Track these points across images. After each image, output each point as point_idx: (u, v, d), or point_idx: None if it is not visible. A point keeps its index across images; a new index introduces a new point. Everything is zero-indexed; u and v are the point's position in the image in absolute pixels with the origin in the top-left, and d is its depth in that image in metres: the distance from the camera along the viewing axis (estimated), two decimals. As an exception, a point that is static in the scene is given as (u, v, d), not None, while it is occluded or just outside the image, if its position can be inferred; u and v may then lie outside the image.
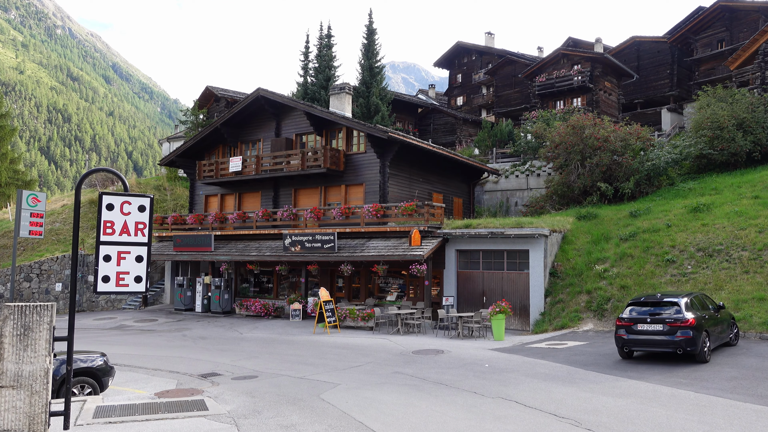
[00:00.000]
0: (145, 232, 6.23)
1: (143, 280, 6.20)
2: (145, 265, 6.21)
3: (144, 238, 6.21)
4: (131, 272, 6.11)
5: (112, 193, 6.16)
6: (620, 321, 13.77)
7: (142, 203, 6.24)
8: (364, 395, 11.14)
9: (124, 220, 6.12)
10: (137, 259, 6.16)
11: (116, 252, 6.09)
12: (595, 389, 11.02)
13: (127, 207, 6.13)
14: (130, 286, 6.12)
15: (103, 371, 11.51)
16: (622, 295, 20.22)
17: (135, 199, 6.18)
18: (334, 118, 26.88)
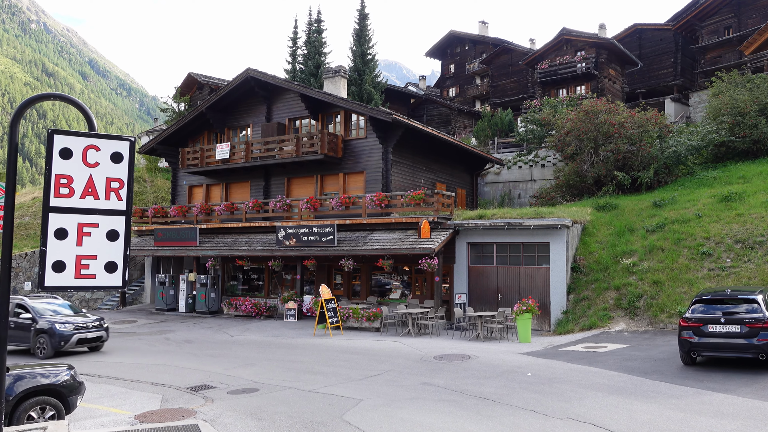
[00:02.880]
0: (122, 194, 4.03)
1: (119, 269, 4.00)
2: (122, 245, 4.01)
3: (121, 203, 4.02)
4: (100, 256, 3.91)
5: (70, 132, 3.96)
6: (685, 321, 11.79)
7: (116, 149, 4.03)
8: (398, 416, 9.00)
9: (88, 175, 3.92)
10: (110, 235, 3.96)
11: (76, 224, 3.88)
12: (683, 406, 9.00)
13: (94, 155, 3.93)
14: (98, 277, 3.92)
15: (70, 388, 9.23)
16: (655, 291, 18.34)
17: (106, 142, 3.99)
18: (331, 99, 24.65)
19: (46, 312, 17.02)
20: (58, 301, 18.29)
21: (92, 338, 16.87)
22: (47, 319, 16.59)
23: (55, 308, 17.53)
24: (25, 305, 17.12)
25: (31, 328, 16.56)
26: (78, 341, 16.48)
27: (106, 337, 17.29)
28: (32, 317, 16.68)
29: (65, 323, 16.46)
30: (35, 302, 17.43)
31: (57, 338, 16.10)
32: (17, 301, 17.37)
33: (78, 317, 17.19)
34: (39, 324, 16.49)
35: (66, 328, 16.33)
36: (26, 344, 16.65)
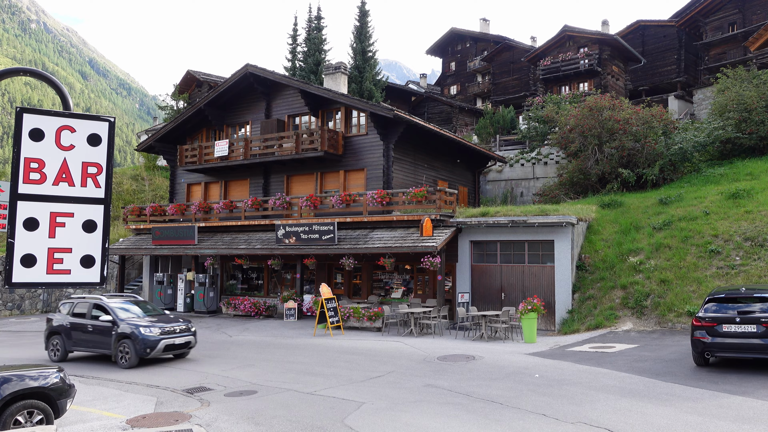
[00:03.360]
0: (100, 181, 3.63)
1: (97, 263, 3.60)
2: (99, 236, 3.61)
3: (98, 191, 3.61)
4: (75, 249, 3.51)
5: (42, 110, 3.56)
6: (698, 321, 11.39)
7: (94, 131, 3.62)
8: (402, 420, 8.61)
9: (62, 159, 3.51)
10: (87, 226, 3.56)
11: (48, 213, 3.48)
12: (700, 410, 8.60)
13: (69, 136, 3.53)
14: (73, 272, 3.52)
15: (60, 391, 8.84)
16: (662, 290, 17.93)
17: (82, 123, 3.59)
18: (332, 95, 24.24)
19: (127, 314, 15.19)
20: (136, 299, 16.64)
21: (180, 344, 14.88)
22: (130, 322, 14.65)
23: (134, 308, 15.67)
24: (103, 306, 15.29)
25: (111, 333, 14.70)
26: (165, 348, 14.48)
27: (194, 343, 15.39)
28: (113, 320, 14.79)
29: (150, 327, 14.47)
30: (114, 302, 15.62)
31: (141, 344, 14.10)
32: (95, 301, 15.64)
33: (163, 320, 15.21)
34: (120, 328, 14.57)
35: (152, 333, 14.32)
36: (107, 350, 14.88)
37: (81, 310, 15.77)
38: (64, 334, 15.66)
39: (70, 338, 15.58)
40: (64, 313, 16.00)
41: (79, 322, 15.51)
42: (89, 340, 15.30)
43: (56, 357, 15.71)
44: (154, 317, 15.33)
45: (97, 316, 15.23)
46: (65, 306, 16.22)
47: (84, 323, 15.36)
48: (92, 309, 15.49)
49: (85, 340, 15.39)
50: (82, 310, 15.66)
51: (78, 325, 15.49)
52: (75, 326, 15.53)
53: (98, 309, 15.38)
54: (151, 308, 16.21)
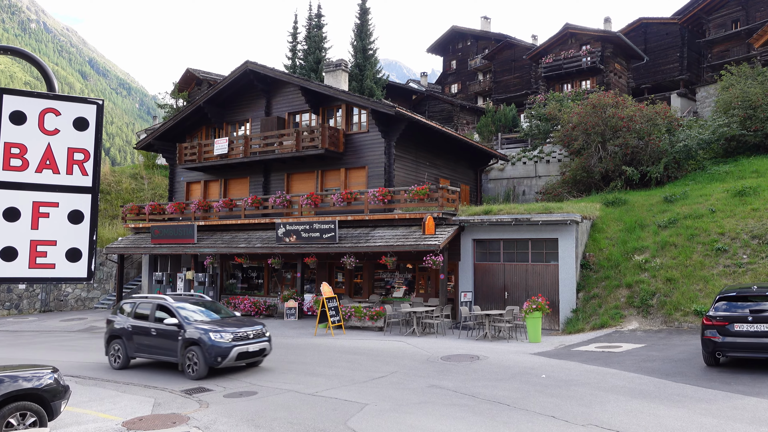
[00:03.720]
0: (87, 168, 3.37)
1: (84, 257, 3.34)
2: (87, 228, 3.35)
3: (86, 179, 3.35)
4: (61, 241, 3.26)
5: (24, 92, 3.30)
6: (709, 320, 11.12)
7: (81, 114, 3.36)
8: (406, 422, 8.34)
9: (46, 144, 3.25)
10: (73, 217, 3.30)
11: (30, 203, 3.22)
12: (714, 412, 8.34)
13: (54, 120, 3.27)
14: (57, 267, 3.26)
15: (54, 393, 8.57)
16: (668, 289, 17.68)
17: (68, 105, 3.32)
18: (332, 92, 23.97)
19: (195, 316, 13.51)
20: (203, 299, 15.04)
21: (254, 352, 12.98)
22: (198, 326, 12.90)
23: (202, 310, 14.03)
24: (168, 307, 13.57)
25: (177, 338, 12.94)
26: (238, 356, 12.60)
27: (269, 350, 13.55)
28: (178, 323, 13.05)
29: (221, 332, 12.63)
30: (180, 303, 13.92)
31: (212, 352, 12.30)
32: (158, 301, 14.02)
33: (234, 323, 13.39)
34: (187, 332, 12.79)
35: (223, 339, 12.49)
36: (172, 357, 13.17)
37: (144, 311, 14.11)
38: (125, 338, 14.03)
39: (132, 343, 13.90)
40: (125, 315, 14.43)
41: (142, 325, 13.79)
42: (153, 346, 13.54)
43: (117, 364, 14.09)
44: (224, 320, 13.61)
45: (162, 318, 13.49)
46: (127, 306, 14.66)
47: (147, 326, 13.69)
48: (156, 310, 13.82)
49: (148, 345, 13.63)
50: (145, 312, 14.05)
51: (140, 329, 13.77)
52: (137, 329, 13.84)
53: (162, 310, 13.67)
54: (220, 310, 14.51)
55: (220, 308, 14.62)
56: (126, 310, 14.54)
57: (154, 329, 13.51)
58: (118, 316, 14.60)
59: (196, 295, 15.46)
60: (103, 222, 32.61)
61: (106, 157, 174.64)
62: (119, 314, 14.65)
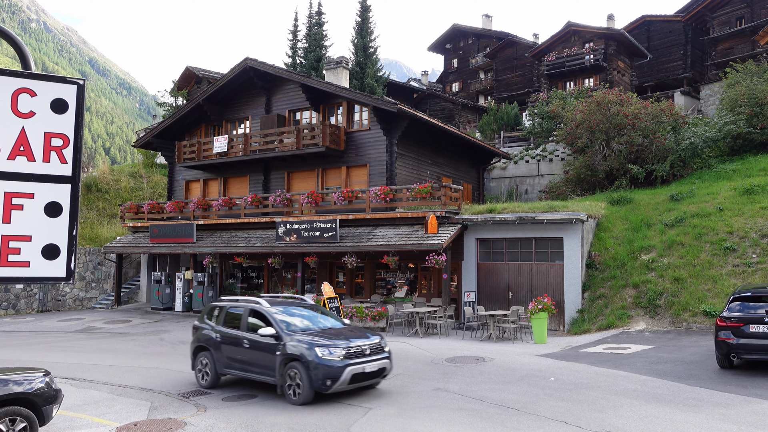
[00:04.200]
0: (66, 155, 3.03)
1: (62, 254, 3.00)
2: (66, 222, 3.02)
3: (65, 167, 3.02)
4: (36, 237, 2.92)
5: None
6: (723, 321, 10.78)
7: (59, 95, 3.03)
8: (413, 428, 8.01)
9: (20, 128, 2.92)
10: (50, 209, 2.97)
11: (2, 194, 2.90)
12: (733, 417, 8.00)
13: (29, 101, 2.94)
14: (32, 265, 2.92)
15: (45, 397, 8.23)
16: (676, 288, 17.34)
17: (45, 85, 2.99)
18: (333, 89, 23.63)
19: (296, 324, 11.00)
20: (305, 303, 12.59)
21: (372, 373, 10.17)
22: (300, 337, 10.29)
23: (303, 317, 11.50)
24: (264, 313, 11.07)
25: (275, 352, 10.35)
26: (352, 378, 9.81)
27: (390, 369, 10.63)
28: (276, 334, 10.48)
29: (329, 346, 10.00)
30: (277, 308, 11.36)
31: (319, 373, 9.66)
32: (251, 305, 11.55)
33: (344, 334, 10.74)
34: (287, 346, 10.20)
35: (333, 356, 9.82)
36: (269, 376, 10.46)
37: (235, 317, 11.74)
38: (213, 349, 11.63)
39: (222, 356, 11.46)
40: (213, 321, 12.18)
41: (232, 335, 11.38)
42: (246, 361, 11.01)
43: (205, 381, 11.62)
44: (331, 330, 11.06)
45: (256, 326, 11.02)
46: (216, 310, 12.38)
47: (238, 336, 11.26)
48: (248, 316, 11.38)
49: (240, 360, 11.13)
50: (237, 319, 11.67)
51: (231, 339, 11.36)
52: (227, 339, 11.42)
53: (256, 317, 11.24)
54: (327, 316, 11.99)
55: (326, 314, 12.06)
56: (215, 315, 12.24)
57: (246, 340, 10.99)
58: (206, 322, 12.26)
59: (296, 299, 13.02)
60: (102, 221, 32.28)
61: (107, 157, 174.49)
62: (207, 320, 12.34)
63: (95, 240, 30.02)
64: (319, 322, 11.37)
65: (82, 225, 30.98)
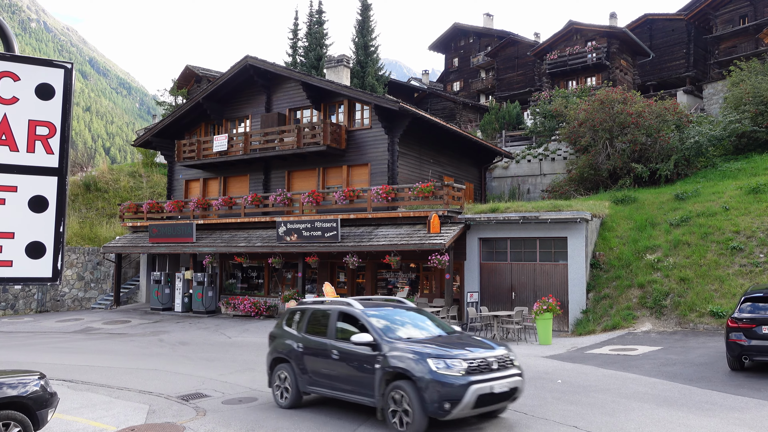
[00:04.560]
0: (53, 145, 2.80)
1: (49, 253, 2.77)
2: (52, 218, 2.79)
3: (51, 158, 2.79)
4: (20, 234, 2.70)
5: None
6: (734, 322, 10.55)
7: (45, 80, 2.80)
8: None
9: (2, 115, 2.70)
10: (35, 204, 2.74)
11: (-18, 187, 2.68)
12: (749, 422, 7.77)
13: (11, 86, 2.72)
14: (15, 265, 2.69)
15: (40, 401, 7.98)
16: (682, 289, 17.12)
17: (29, 69, 2.76)
18: (334, 88, 23.40)
19: (399, 331, 8.76)
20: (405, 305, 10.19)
21: (502, 394, 7.84)
22: (405, 345, 8.14)
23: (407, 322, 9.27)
24: (356, 316, 9.01)
25: (373, 366, 8.19)
26: (478, 400, 7.54)
27: (521, 389, 8.25)
28: (374, 342, 8.32)
29: (444, 357, 7.73)
30: (374, 311, 9.24)
31: (434, 393, 7.45)
32: (340, 307, 9.50)
33: (459, 343, 8.52)
34: (389, 357, 8.04)
35: (451, 370, 7.57)
36: (366, 396, 8.36)
37: (320, 322, 9.67)
38: (294, 362, 9.62)
39: (305, 370, 9.42)
40: (294, 327, 10.08)
41: (318, 343, 9.34)
42: (335, 376, 8.94)
43: (285, 401, 9.64)
44: (441, 338, 8.81)
45: (347, 333, 9.01)
46: (297, 314, 10.32)
47: (325, 345, 9.20)
48: (337, 321, 9.34)
49: (327, 374, 9.05)
50: (322, 324, 9.60)
51: (316, 348, 9.36)
52: (311, 350, 9.42)
53: (347, 321, 9.22)
54: (431, 321, 9.51)
55: (432, 319, 9.64)
56: (295, 320, 10.20)
57: (335, 350, 8.95)
58: (285, 329, 10.26)
59: (396, 300, 10.91)
60: (101, 221, 32.05)
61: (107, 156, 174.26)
62: (286, 326, 10.30)
63: (94, 240, 29.79)
64: (425, 327, 9.18)
65: (81, 224, 30.75)
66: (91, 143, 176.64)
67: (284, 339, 10.06)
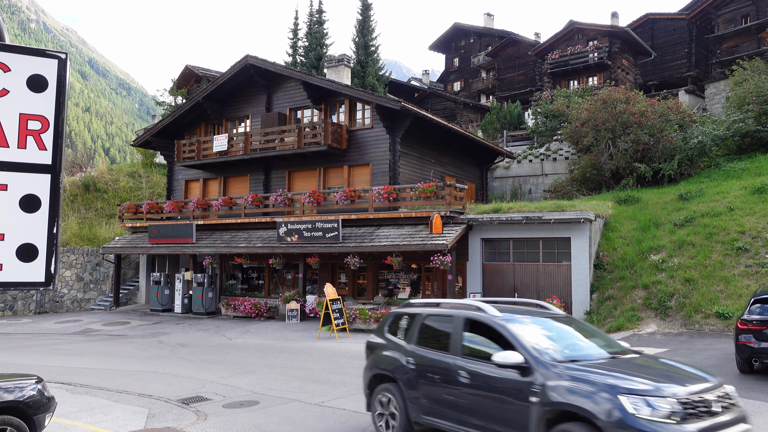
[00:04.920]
0: (45, 141, 2.63)
1: (41, 256, 2.60)
2: (45, 218, 2.61)
3: (44, 154, 2.61)
4: (10, 235, 2.52)
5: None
6: (743, 324, 10.39)
7: (37, 71, 2.63)
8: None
9: (-9, 109, 2.54)
10: (26, 203, 2.57)
11: (-31, 185, 2.51)
12: (763, 426, 7.59)
13: (1, 77, 2.54)
14: (5, 268, 2.51)
15: (37, 405, 7.81)
16: (687, 290, 16.94)
17: (20, 59, 2.59)
18: (335, 87, 23.23)
19: (550, 348, 6.37)
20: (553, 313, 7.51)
21: None
22: (574, 373, 5.78)
23: (560, 335, 6.87)
24: (494, 327, 6.71)
25: (527, 397, 5.94)
26: None
27: None
28: (525, 363, 6.09)
29: (648, 392, 5.29)
30: (515, 317, 6.90)
31: None
32: (469, 313, 7.16)
33: (659, 370, 6.19)
34: (550, 388, 5.78)
35: (659, 412, 5.12)
36: None
37: (439, 331, 7.49)
38: (403, 383, 7.44)
39: (418, 395, 7.23)
40: (400, 337, 7.90)
41: (437, 361, 7.11)
42: (464, 407, 6.64)
43: None
44: (620, 361, 6.31)
45: (479, 348, 6.88)
46: (404, 320, 8.04)
47: (448, 364, 6.94)
48: (463, 331, 7.06)
49: (452, 403, 6.78)
50: (442, 332, 7.40)
51: (434, 368, 7.12)
52: (427, 368, 7.21)
53: (478, 331, 7.02)
54: (592, 335, 7.12)
55: (596, 333, 7.27)
56: (402, 326, 8.02)
57: (464, 372, 6.64)
58: (389, 338, 8.11)
59: (528, 303, 8.27)
60: (100, 221, 31.86)
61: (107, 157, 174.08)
62: (389, 334, 8.19)
63: (93, 240, 29.61)
64: (587, 344, 6.72)
65: (80, 225, 30.56)
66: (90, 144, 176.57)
67: (388, 351, 7.86)
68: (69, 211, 31.70)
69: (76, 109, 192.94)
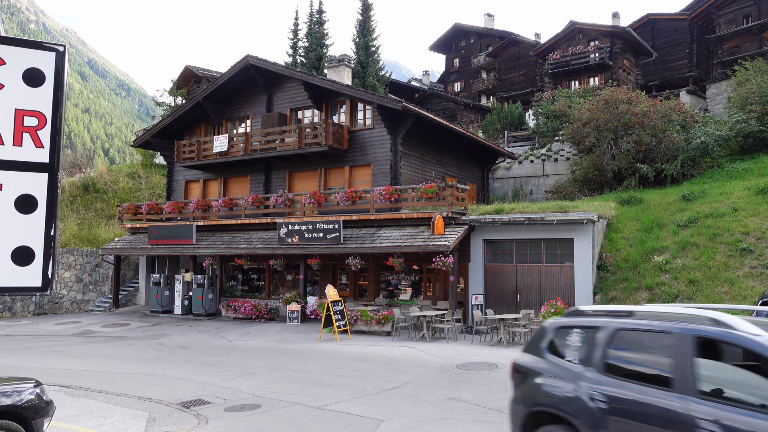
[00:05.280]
0: (42, 138, 2.51)
1: (38, 259, 2.47)
2: (42, 219, 2.49)
3: (41, 152, 2.49)
4: (4, 238, 2.39)
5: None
6: (751, 326, 10.20)
7: (33, 65, 2.50)
8: (429, 443, 7.45)
9: (-16, 105, 2.41)
10: (21, 203, 2.44)
11: (-38, 184, 2.37)
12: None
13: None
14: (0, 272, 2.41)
15: (35, 410, 7.67)
16: (691, 291, 16.82)
17: (16, 51, 2.46)
18: (336, 87, 23.09)
19: None
20: None
21: None
22: None
23: None
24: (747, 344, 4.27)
25: None
26: None
27: None
28: None
29: None
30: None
31: None
32: (701, 330, 4.64)
33: None
34: None
35: None
36: None
37: (641, 355, 5.36)
38: (585, 427, 5.12)
39: None
40: (570, 359, 5.74)
41: (650, 402, 4.70)
42: None
43: None
44: None
45: (733, 386, 4.61)
46: (575, 336, 5.85)
47: (672, 408, 4.52)
48: (693, 356, 4.61)
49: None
50: (649, 357, 5.25)
51: (645, 413, 4.71)
52: (631, 412, 4.84)
53: (721, 357, 4.90)
54: None
55: None
56: (572, 344, 5.85)
57: (707, 423, 4.24)
58: (552, 359, 5.95)
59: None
60: (99, 222, 31.72)
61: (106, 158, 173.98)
62: (550, 353, 6.02)
63: (93, 241, 29.46)
64: None
65: (79, 226, 30.41)
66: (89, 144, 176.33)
67: (552, 379, 5.67)
68: (68, 212, 31.55)
69: (76, 110, 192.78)
